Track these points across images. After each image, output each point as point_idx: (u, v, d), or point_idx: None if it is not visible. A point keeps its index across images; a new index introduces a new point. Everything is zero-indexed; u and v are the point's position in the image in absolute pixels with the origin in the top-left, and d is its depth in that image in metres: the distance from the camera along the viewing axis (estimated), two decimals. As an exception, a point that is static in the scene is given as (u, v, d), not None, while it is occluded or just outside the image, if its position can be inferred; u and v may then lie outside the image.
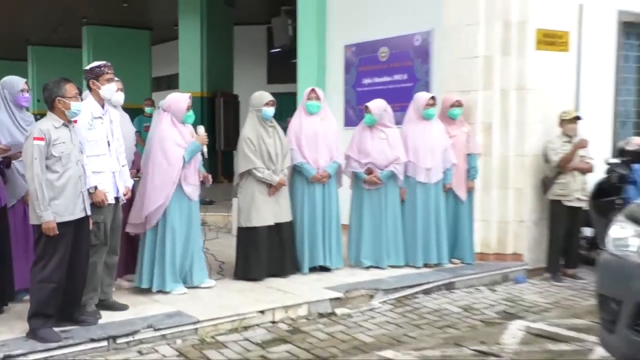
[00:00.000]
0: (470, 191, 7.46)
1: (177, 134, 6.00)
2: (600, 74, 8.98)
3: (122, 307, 5.52)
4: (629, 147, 7.63)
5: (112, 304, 5.53)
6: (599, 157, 7.75)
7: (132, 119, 11.62)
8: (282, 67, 17.34)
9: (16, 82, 5.59)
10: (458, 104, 7.37)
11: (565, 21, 7.79)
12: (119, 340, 4.96)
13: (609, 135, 9.06)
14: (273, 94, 6.89)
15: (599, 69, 8.95)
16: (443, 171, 7.19)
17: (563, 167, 7.23)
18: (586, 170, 7.38)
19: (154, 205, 5.84)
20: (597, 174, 7.64)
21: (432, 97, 7.31)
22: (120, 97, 5.51)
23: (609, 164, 7.75)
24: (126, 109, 6.42)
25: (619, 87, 9.28)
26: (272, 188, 6.55)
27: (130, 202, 5.88)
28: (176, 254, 6.00)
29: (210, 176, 6.42)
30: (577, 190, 7.28)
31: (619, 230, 3.97)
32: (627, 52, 9.43)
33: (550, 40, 7.61)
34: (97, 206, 5.06)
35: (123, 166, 5.48)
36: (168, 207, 5.90)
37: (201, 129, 6.25)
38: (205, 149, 6.18)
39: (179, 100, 6.11)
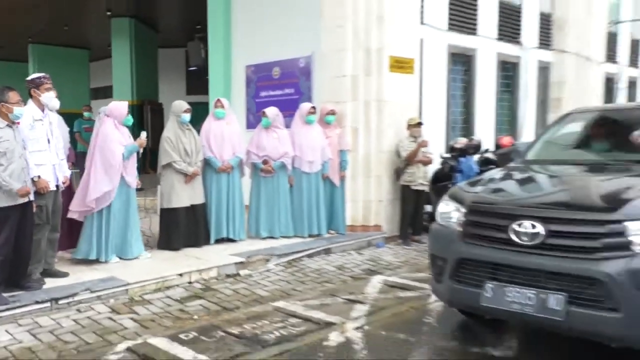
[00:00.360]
0: (342, 179, 7.56)
1: (119, 134, 5.82)
2: (436, 90, 9.37)
3: (64, 275, 5.27)
4: (457, 145, 8.00)
5: (55, 272, 5.27)
6: (436, 153, 8.07)
7: (73, 122, 11.13)
8: (197, 82, 16.91)
9: None
10: (332, 112, 7.43)
11: (410, 51, 8.00)
12: (61, 302, 4.75)
13: (443, 136, 9.47)
14: (190, 103, 6.75)
15: (435, 87, 9.33)
16: (322, 163, 7.24)
17: (410, 160, 7.46)
18: (427, 162, 7.64)
19: (103, 190, 5.63)
20: (434, 165, 7.95)
21: (313, 107, 7.36)
22: (56, 103, 5.18)
23: (443, 157, 8.09)
24: (68, 113, 6.09)
25: (450, 101, 9.72)
26: (187, 177, 6.42)
27: (69, 188, 5.63)
28: (116, 231, 5.81)
29: (139, 181, 6.21)
30: (420, 178, 7.54)
31: (444, 207, 3.98)
32: (454, 75, 9.89)
33: (400, 64, 7.79)
34: (40, 193, 4.81)
35: (62, 159, 5.23)
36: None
37: (143, 135, 6.02)
38: (140, 150, 5.99)
39: (120, 107, 5.95)
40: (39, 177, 4.75)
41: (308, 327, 4.31)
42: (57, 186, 5.09)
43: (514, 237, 3.31)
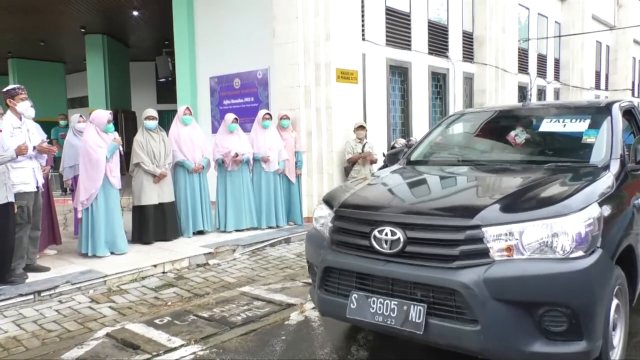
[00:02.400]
0: (298, 176, 7.53)
1: (100, 139, 5.63)
2: (377, 98, 9.46)
3: (45, 269, 5.06)
4: (397, 145, 8.07)
5: (37, 267, 5.04)
6: (380, 151, 8.14)
7: (50, 130, 10.68)
8: (167, 91, 16.57)
9: None
10: (286, 117, 7.40)
11: (354, 63, 8.05)
12: (43, 294, 4.56)
13: (384, 137, 9.58)
14: (161, 111, 6.59)
15: (376, 95, 9.43)
16: (279, 162, 7.18)
17: (353, 162, 7.53)
18: (373, 161, 7.69)
19: (90, 192, 5.53)
20: (379, 163, 8.01)
21: (267, 113, 7.28)
22: (31, 112, 4.94)
23: (385, 156, 8.16)
24: (47, 122, 5.84)
25: (390, 107, 9.84)
26: (156, 177, 6.25)
27: (47, 190, 5.46)
28: (103, 228, 5.62)
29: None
30: (366, 174, 7.57)
31: (319, 211, 3.34)
32: (393, 85, 10.03)
33: (346, 76, 7.83)
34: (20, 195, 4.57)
35: (40, 163, 5.00)
36: (99, 193, 5.57)
37: (115, 134, 5.84)
38: (121, 148, 5.83)
39: (100, 115, 5.80)
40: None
41: (271, 308, 4.26)
42: (37, 188, 4.87)
43: (375, 245, 2.75)
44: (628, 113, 3.83)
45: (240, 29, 8.92)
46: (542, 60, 16.03)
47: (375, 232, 2.76)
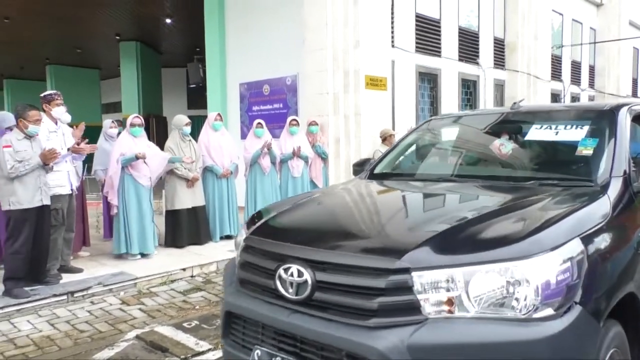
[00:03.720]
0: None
1: (129, 141, 5.78)
2: (406, 105, 9.39)
3: (78, 270, 5.18)
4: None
5: (70, 268, 5.17)
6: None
7: (92, 134, 10.91)
8: (197, 97, 16.89)
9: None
10: (314, 123, 7.39)
11: (384, 70, 8.02)
12: (76, 295, 4.67)
13: (412, 145, 9.48)
14: (191, 116, 6.69)
15: (406, 102, 9.36)
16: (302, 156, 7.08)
17: None
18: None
19: (109, 188, 5.78)
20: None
21: (294, 119, 7.26)
22: (67, 117, 5.09)
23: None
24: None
25: (419, 114, 9.76)
26: (188, 182, 6.33)
27: (82, 193, 5.59)
28: (134, 227, 5.73)
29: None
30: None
31: (239, 237, 2.57)
32: (422, 92, 9.95)
33: (375, 82, 7.80)
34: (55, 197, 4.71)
35: (75, 166, 5.14)
36: (127, 192, 5.70)
37: (143, 151, 5.81)
38: (138, 158, 5.74)
39: (130, 119, 6.00)
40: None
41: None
42: (71, 190, 5.00)
43: (280, 288, 2.09)
44: None
45: (270, 36, 9.01)
46: (576, 67, 15.67)
47: (281, 271, 2.09)
